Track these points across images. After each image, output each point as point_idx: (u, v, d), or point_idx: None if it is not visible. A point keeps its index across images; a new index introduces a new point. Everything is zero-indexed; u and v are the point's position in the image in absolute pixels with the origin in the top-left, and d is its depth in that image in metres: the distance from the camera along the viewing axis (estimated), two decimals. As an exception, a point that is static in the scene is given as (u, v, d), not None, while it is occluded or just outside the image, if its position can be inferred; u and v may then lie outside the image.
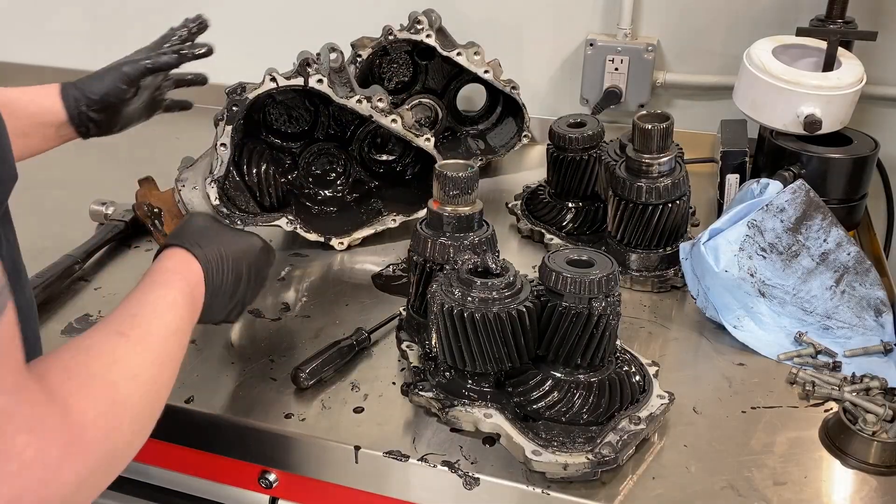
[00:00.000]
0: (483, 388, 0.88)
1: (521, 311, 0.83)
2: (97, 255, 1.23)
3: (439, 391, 0.90)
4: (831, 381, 0.96)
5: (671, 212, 1.12)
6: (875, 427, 0.86)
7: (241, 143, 1.21)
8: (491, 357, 0.84)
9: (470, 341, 0.84)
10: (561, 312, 0.83)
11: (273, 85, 1.16)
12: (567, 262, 0.85)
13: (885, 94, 1.45)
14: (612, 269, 0.84)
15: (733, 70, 1.32)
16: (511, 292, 0.84)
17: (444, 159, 1.27)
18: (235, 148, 1.18)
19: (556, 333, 0.84)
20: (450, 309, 0.83)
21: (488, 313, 0.82)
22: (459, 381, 0.89)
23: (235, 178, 1.22)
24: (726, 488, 0.82)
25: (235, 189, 1.22)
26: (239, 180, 1.22)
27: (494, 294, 0.83)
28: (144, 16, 1.80)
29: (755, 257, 1.05)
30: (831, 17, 1.28)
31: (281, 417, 0.90)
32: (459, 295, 0.84)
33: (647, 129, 1.09)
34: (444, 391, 0.89)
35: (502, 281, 0.84)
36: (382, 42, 1.41)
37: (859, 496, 0.82)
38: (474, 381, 0.88)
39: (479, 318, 0.82)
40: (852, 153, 1.22)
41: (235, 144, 1.17)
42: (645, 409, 0.87)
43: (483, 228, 0.97)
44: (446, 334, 0.85)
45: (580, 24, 1.58)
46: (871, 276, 1.05)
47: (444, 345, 0.86)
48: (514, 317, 0.83)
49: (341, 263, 1.24)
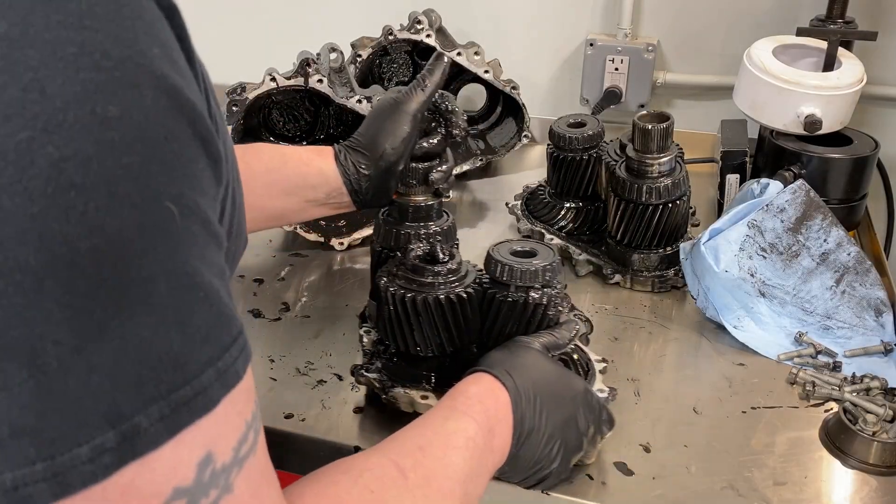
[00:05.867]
0: (425, 373, 0.89)
1: (461, 297, 0.85)
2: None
3: (384, 373, 0.91)
4: (831, 381, 0.96)
5: (671, 212, 1.12)
6: (875, 427, 0.86)
7: (241, 143, 1.21)
8: (430, 341, 0.86)
9: (411, 324, 0.85)
10: (500, 301, 0.85)
11: (273, 85, 1.16)
12: (510, 253, 0.86)
13: (885, 94, 1.45)
14: (552, 260, 0.85)
15: (733, 70, 1.32)
16: (453, 278, 0.86)
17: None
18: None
19: (496, 322, 0.86)
20: (392, 292, 0.85)
21: (429, 297, 0.84)
22: (404, 365, 0.91)
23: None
24: (726, 488, 0.82)
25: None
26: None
27: (439, 280, 0.85)
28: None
29: (755, 257, 1.05)
30: (831, 17, 1.28)
31: (281, 417, 0.90)
32: (402, 279, 0.86)
33: (647, 129, 1.09)
34: (388, 373, 0.91)
35: (445, 267, 0.86)
36: (382, 42, 1.41)
37: (859, 496, 0.82)
38: (418, 365, 0.90)
39: (420, 302, 0.84)
40: (852, 153, 1.22)
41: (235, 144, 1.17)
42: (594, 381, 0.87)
43: (443, 219, 0.99)
44: (388, 317, 0.87)
45: (580, 24, 1.58)
46: (871, 276, 1.05)
47: (388, 328, 0.88)
48: (452, 301, 0.84)
49: (341, 263, 1.24)
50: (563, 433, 0.74)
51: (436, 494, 0.58)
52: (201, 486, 0.42)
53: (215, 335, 0.42)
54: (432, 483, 0.58)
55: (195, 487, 0.41)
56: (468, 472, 0.62)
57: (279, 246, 1.27)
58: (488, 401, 0.68)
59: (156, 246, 0.39)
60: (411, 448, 0.60)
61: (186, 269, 0.41)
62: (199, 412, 0.41)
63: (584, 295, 1.14)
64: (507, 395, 0.69)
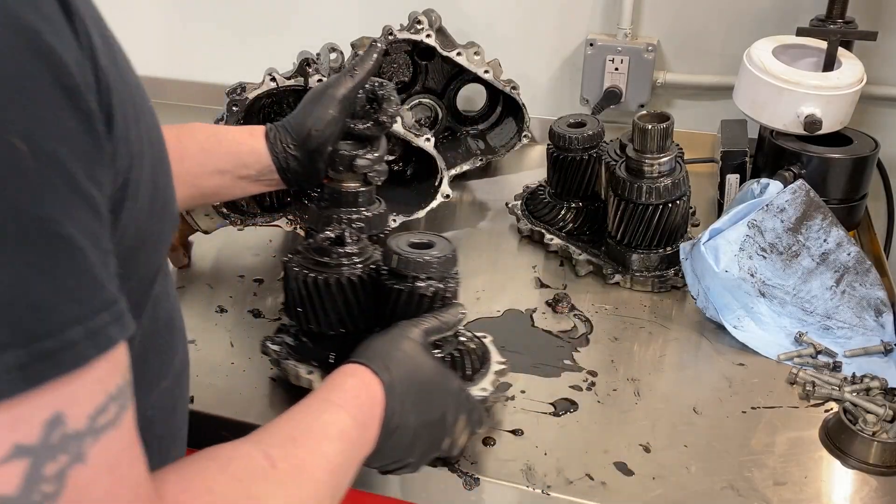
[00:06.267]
0: (326, 351, 0.91)
1: (353, 280, 0.88)
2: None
3: (286, 348, 0.93)
4: (831, 381, 0.96)
5: (671, 212, 1.12)
6: (875, 427, 0.86)
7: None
8: (327, 320, 0.89)
9: (312, 303, 0.89)
10: (389, 288, 0.86)
11: (273, 85, 1.16)
12: (408, 245, 0.87)
13: (885, 94, 1.45)
14: (447, 252, 0.86)
15: (733, 70, 1.32)
16: (357, 262, 0.89)
17: (443, 159, 1.28)
18: (235, 148, 1.17)
19: (387, 308, 0.87)
20: (295, 272, 0.89)
21: (322, 276, 0.88)
22: (308, 342, 0.93)
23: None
24: (726, 488, 0.82)
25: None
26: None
27: (341, 262, 0.88)
28: (147, 16, 1.80)
29: (755, 257, 1.05)
30: (831, 17, 1.28)
31: (281, 417, 0.90)
32: (306, 260, 0.90)
33: (647, 129, 1.09)
34: (290, 349, 0.93)
35: (346, 250, 0.89)
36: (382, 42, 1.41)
37: (859, 496, 0.82)
38: (320, 344, 0.92)
39: (315, 281, 0.88)
40: (852, 153, 1.22)
41: (235, 144, 1.17)
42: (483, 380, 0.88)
43: (374, 205, 1.01)
44: (290, 295, 0.91)
45: (580, 24, 1.58)
46: (871, 276, 1.05)
47: (290, 305, 0.91)
48: (342, 283, 0.87)
49: (341, 263, 1.24)
50: (429, 431, 0.73)
51: (306, 484, 0.58)
52: (48, 448, 0.41)
53: (86, 295, 0.42)
54: (303, 473, 0.58)
55: (40, 448, 0.40)
56: (340, 463, 0.62)
57: (279, 246, 1.27)
58: (363, 395, 0.68)
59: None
60: (283, 438, 0.60)
61: (40, 213, 0.40)
62: (65, 367, 0.40)
63: (584, 295, 1.14)
64: (381, 392, 0.69)
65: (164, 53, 1.80)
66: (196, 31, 1.77)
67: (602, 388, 0.96)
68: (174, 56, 1.80)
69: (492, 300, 1.13)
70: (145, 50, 1.82)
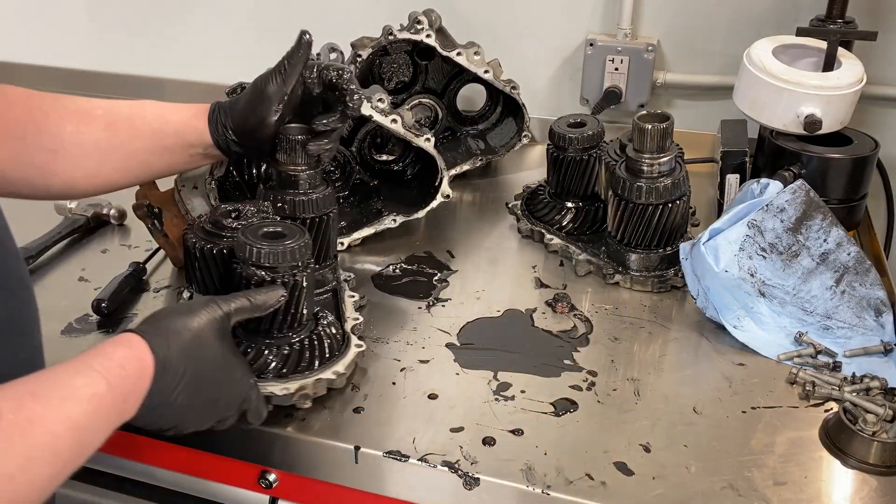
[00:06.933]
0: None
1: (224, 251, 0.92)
2: (54, 248, 1.24)
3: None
4: (831, 381, 0.96)
5: (671, 212, 1.12)
6: (875, 427, 0.86)
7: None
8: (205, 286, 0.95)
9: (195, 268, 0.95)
10: (242, 275, 0.88)
11: (273, 85, 1.16)
12: (261, 235, 0.89)
13: (885, 94, 1.45)
14: (297, 242, 0.88)
15: (733, 70, 1.32)
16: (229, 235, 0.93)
17: (443, 159, 1.27)
18: (235, 148, 1.18)
19: (231, 285, 0.91)
20: (187, 237, 0.95)
21: (199, 244, 0.93)
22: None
23: (235, 178, 1.22)
24: (726, 488, 0.82)
25: (235, 189, 1.22)
26: (239, 180, 1.22)
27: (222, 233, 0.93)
28: (148, 16, 1.80)
29: (755, 257, 1.05)
30: (831, 17, 1.28)
31: (281, 417, 0.90)
32: (198, 229, 0.96)
33: (647, 129, 1.09)
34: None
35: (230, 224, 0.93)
36: (382, 42, 1.41)
37: (859, 496, 0.82)
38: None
39: (194, 248, 0.94)
40: (852, 153, 1.22)
41: (235, 144, 1.17)
42: (342, 361, 0.92)
43: (322, 187, 1.04)
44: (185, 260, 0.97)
45: (580, 24, 1.58)
46: (871, 276, 1.05)
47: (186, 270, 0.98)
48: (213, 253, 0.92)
49: (341, 263, 1.24)
50: (196, 413, 0.76)
51: (37, 437, 0.59)
52: None
53: None
54: (35, 426, 0.59)
55: None
56: (86, 423, 0.63)
57: (279, 246, 1.27)
58: (129, 367, 0.68)
59: None
60: (21, 392, 0.60)
61: None
62: None
63: (584, 295, 1.14)
64: (152, 369, 0.69)
65: (165, 54, 1.80)
66: (196, 32, 1.77)
67: (602, 388, 0.96)
68: (175, 56, 1.81)
69: (492, 300, 1.13)
70: (146, 50, 1.82)
